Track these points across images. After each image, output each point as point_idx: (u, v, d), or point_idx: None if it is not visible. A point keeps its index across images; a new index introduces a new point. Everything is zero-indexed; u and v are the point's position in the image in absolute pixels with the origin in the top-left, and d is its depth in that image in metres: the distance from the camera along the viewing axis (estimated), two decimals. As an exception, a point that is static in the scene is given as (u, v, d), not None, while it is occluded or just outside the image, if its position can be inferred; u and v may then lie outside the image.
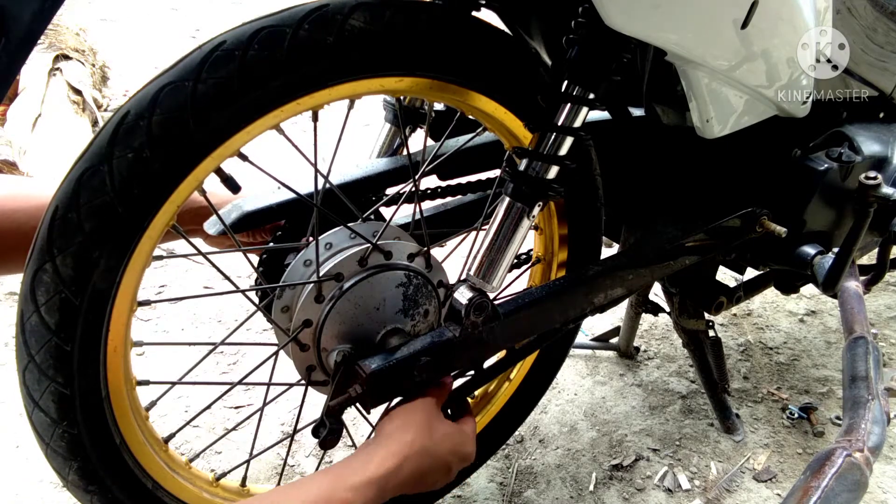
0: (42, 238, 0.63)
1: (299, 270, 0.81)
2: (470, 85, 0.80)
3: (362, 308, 0.83)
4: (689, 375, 1.59)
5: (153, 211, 0.65)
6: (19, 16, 0.50)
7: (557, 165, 0.80)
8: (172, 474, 0.82)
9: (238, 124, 0.66)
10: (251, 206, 0.86)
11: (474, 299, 0.82)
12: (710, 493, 1.28)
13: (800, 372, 1.63)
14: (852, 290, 1.11)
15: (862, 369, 0.98)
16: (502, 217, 0.81)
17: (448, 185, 1.04)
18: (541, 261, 1.06)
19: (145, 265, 0.69)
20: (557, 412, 1.48)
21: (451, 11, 0.76)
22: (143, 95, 0.63)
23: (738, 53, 0.87)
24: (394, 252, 0.84)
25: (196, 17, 4.31)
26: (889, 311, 1.87)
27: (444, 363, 0.83)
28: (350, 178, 0.94)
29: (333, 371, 0.81)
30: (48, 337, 0.65)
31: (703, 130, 0.94)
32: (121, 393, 0.74)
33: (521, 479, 1.31)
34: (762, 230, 1.09)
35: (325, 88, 0.69)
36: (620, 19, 0.72)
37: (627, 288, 1.00)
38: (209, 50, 0.63)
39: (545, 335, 0.96)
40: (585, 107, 0.79)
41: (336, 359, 0.81)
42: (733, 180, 1.13)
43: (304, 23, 0.65)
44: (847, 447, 0.86)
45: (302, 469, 1.32)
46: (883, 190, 1.05)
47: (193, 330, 1.71)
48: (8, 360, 1.56)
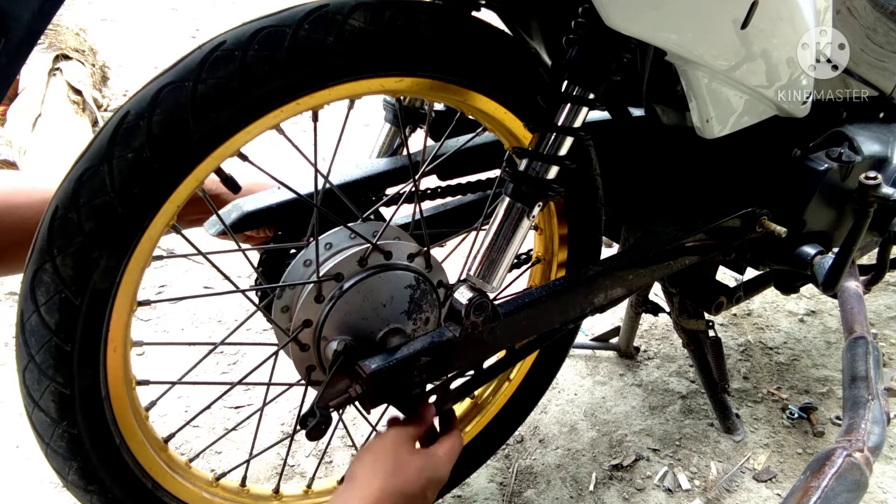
0: (42, 238, 0.63)
1: (299, 270, 0.81)
2: (470, 85, 0.80)
3: (365, 307, 0.83)
4: (689, 375, 1.59)
5: (153, 211, 0.65)
6: (19, 16, 0.50)
7: (557, 165, 0.80)
8: (172, 474, 0.82)
9: (238, 124, 0.66)
10: (251, 206, 0.86)
11: (474, 299, 0.82)
12: (710, 493, 1.28)
13: (800, 372, 1.63)
14: (852, 290, 1.11)
15: (862, 369, 0.98)
16: (502, 217, 0.81)
17: (448, 185, 1.04)
18: (541, 261, 1.06)
19: (145, 265, 0.69)
20: (557, 412, 1.48)
21: (451, 11, 0.76)
22: (143, 95, 0.63)
23: (738, 53, 0.87)
24: (394, 252, 0.84)
25: (196, 17, 4.31)
26: (889, 311, 1.87)
27: (444, 363, 0.83)
28: (350, 178, 0.94)
29: (332, 360, 0.81)
30: (48, 337, 0.65)
31: (703, 130, 0.94)
32: (121, 393, 0.74)
33: (521, 479, 1.31)
34: (762, 230, 1.09)
35: (325, 88, 0.69)
36: (620, 19, 0.72)
37: (627, 288, 1.00)
38: (209, 50, 0.63)
39: (545, 335, 0.96)
40: (585, 107, 0.79)
41: (337, 347, 0.80)
42: (733, 180, 1.13)
43: (305, 23, 0.65)
44: (847, 447, 0.86)
45: (302, 469, 1.32)
46: (883, 190, 1.05)
47: (193, 330, 1.71)
48: (8, 360, 1.56)
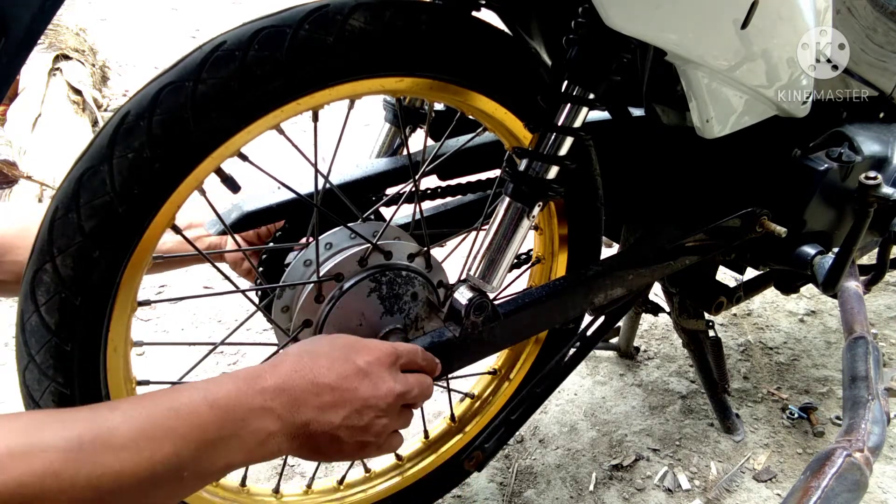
0: (42, 238, 0.63)
1: (299, 270, 0.81)
2: (470, 85, 0.80)
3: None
4: (689, 375, 1.59)
5: (153, 211, 0.65)
6: (19, 16, 0.50)
7: (557, 165, 0.80)
8: (172, 474, 0.82)
9: (238, 124, 0.66)
10: (251, 206, 0.86)
11: (474, 299, 0.82)
12: (710, 493, 1.28)
13: (800, 372, 1.63)
14: (852, 290, 1.11)
15: (862, 369, 0.98)
16: (502, 217, 0.81)
17: (448, 185, 1.04)
18: (541, 261, 1.06)
19: (145, 265, 0.69)
20: (557, 412, 1.48)
21: (451, 11, 0.76)
22: (143, 95, 0.63)
23: (738, 53, 0.87)
24: (394, 252, 0.84)
25: (196, 17, 4.31)
26: (889, 311, 1.87)
27: (444, 363, 0.83)
28: (350, 178, 0.94)
29: None
30: (48, 337, 0.65)
31: (703, 130, 0.94)
32: (121, 393, 0.74)
33: (521, 479, 1.31)
34: (762, 230, 1.09)
35: (325, 88, 0.69)
36: (620, 19, 0.72)
37: (627, 288, 1.00)
38: (209, 50, 0.63)
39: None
40: (585, 107, 0.79)
41: None
42: (733, 180, 1.13)
43: (305, 23, 0.65)
44: (847, 447, 0.86)
45: (302, 469, 1.32)
46: (883, 190, 1.05)
47: (193, 330, 1.71)
48: (8, 360, 1.56)
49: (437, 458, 1.09)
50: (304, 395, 0.64)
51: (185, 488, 0.57)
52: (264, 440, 0.61)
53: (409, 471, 1.07)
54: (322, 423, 0.65)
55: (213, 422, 0.57)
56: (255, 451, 0.60)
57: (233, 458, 0.59)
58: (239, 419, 0.59)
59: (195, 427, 0.56)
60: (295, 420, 0.63)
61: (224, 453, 0.58)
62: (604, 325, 1.07)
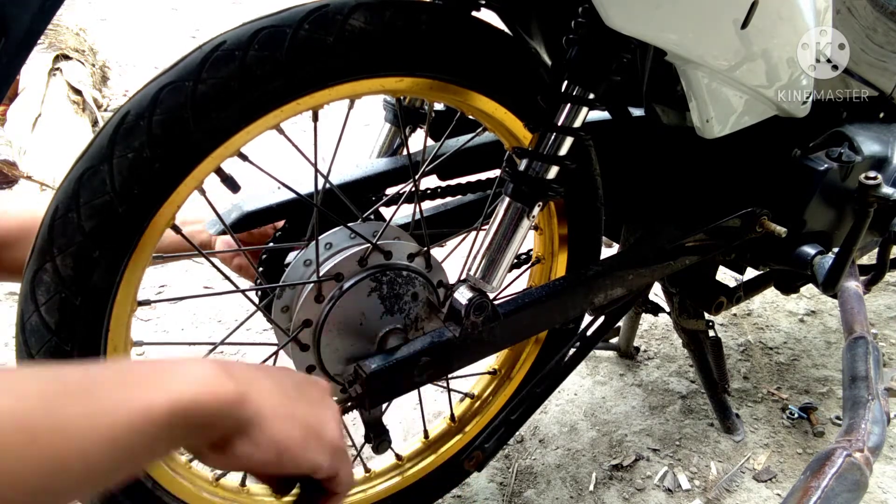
0: (42, 238, 0.63)
1: (299, 270, 0.81)
2: (470, 85, 0.80)
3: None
4: (689, 375, 1.59)
5: (153, 211, 0.65)
6: (19, 16, 0.50)
7: (557, 165, 0.80)
8: (172, 474, 0.82)
9: (238, 124, 0.66)
10: (251, 206, 0.86)
11: (474, 299, 0.82)
12: (710, 493, 1.28)
13: (800, 372, 1.63)
14: (852, 290, 1.11)
15: (862, 369, 0.98)
16: (502, 217, 0.81)
17: (448, 185, 1.04)
18: (541, 261, 1.06)
19: (145, 265, 0.69)
20: (557, 412, 1.48)
21: (451, 11, 0.76)
22: (143, 95, 0.63)
23: (738, 53, 0.87)
24: (394, 252, 0.84)
25: (196, 17, 4.31)
26: (889, 311, 1.87)
27: (443, 363, 0.83)
28: (350, 178, 0.94)
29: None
30: (48, 337, 0.65)
31: (703, 130, 0.94)
32: (121, 393, 0.74)
33: (521, 479, 1.31)
34: (762, 230, 1.09)
35: (325, 88, 0.69)
36: (620, 19, 0.72)
37: (627, 288, 1.00)
38: (209, 50, 0.63)
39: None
40: (585, 107, 0.79)
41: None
42: (733, 180, 1.13)
43: (305, 23, 0.65)
44: (847, 447, 0.86)
45: (302, 469, 1.31)
46: (883, 190, 1.05)
47: (193, 330, 1.71)
48: (8, 360, 1.56)
49: (436, 458, 1.09)
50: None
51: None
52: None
53: (409, 471, 1.07)
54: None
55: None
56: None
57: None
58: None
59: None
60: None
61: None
62: (604, 325, 1.07)
